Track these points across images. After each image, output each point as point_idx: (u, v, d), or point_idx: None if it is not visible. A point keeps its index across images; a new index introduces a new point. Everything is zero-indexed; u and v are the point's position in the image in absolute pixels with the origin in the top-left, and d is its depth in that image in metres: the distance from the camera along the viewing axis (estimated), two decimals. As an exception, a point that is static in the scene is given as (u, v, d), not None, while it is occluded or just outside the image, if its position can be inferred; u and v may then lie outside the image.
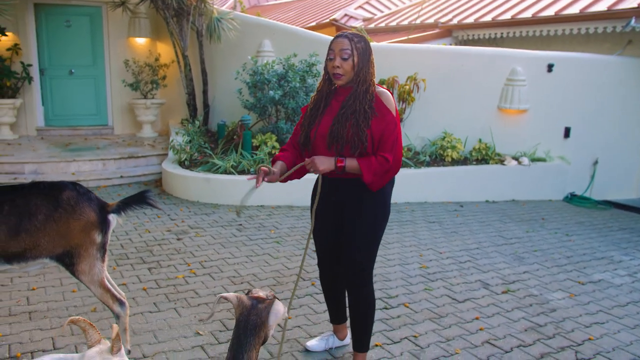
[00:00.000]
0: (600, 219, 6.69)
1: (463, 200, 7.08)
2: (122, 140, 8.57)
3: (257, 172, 2.58)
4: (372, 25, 12.43)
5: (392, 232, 5.49)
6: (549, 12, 8.87)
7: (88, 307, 3.54)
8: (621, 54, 8.22)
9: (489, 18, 9.93)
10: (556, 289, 4.25)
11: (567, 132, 7.73)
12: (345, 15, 12.70)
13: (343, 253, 2.76)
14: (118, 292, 2.84)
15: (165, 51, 9.17)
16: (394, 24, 11.99)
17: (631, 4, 7.68)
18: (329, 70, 2.61)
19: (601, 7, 8.08)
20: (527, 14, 9.22)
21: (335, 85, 2.68)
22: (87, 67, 9.01)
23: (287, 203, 6.34)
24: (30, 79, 8.35)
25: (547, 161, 7.54)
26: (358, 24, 12.35)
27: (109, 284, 2.82)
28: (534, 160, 7.46)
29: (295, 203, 6.34)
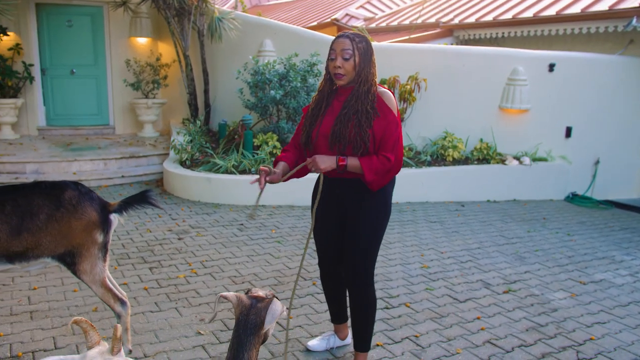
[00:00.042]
0: (602, 218, 6.69)
1: (464, 200, 7.07)
2: (123, 140, 8.58)
3: (259, 174, 2.59)
4: (373, 25, 12.43)
5: (394, 232, 5.49)
6: (551, 12, 8.86)
7: (89, 307, 3.55)
8: (622, 53, 8.21)
9: (490, 18, 9.93)
10: (557, 288, 4.25)
11: (568, 131, 7.73)
12: (347, 15, 12.70)
13: (344, 253, 2.76)
14: (119, 292, 2.84)
15: (167, 51, 9.18)
16: (395, 23, 11.99)
17: (632, 3, 7.68)
18: (330, 70, 2.61)
19: (602, 6, 8.08)
20: (529, 14, 9.22)
21: (337, 85, 2.68)
22: (88, 66, 9.02)
23: (288, 203, 6.34)
24: (31, 78, 8.35)
25: (549, 161, 7.54)
26: (359, 23, 12.35)
27: (111, 283, 2.82)
28: (535, 160, 7.45)
29: (296, 203, 6.34)
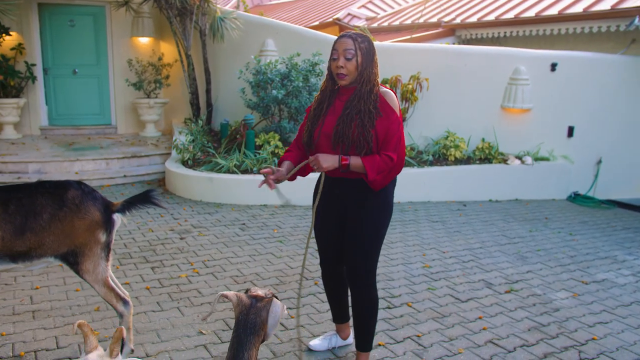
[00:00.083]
0: (604, 218, 6.68)
1: (466, 200, 7.07)
2: (125, 140, 8.59)
3: (265, 176, 2.61)
4: (375, 25, 12.42)
5: (395, 232, 5.49)
6: (553, 11, 8.85)
7: (91, 306, 3.56)
8: (625, 53, 8.20)
9: (492, 17, 9.92)
10: (560, 288, 4.24)
11: (570, 131, 7.72)
12: (349, 14, 12.70)
13: (346, 253, 2.76)
14: (122, 291, 2.84)
15: (169, 50, 9.19)
16: (397, 23, 11.99)
17: (635, 3, 7.66)
18: (332, 70, 2.61)
19: (605, 6, 8.07)
20: (531, 13, 9.21)
21: (338, 85, 2.68)
22: (90, 66, 9.03)
23: (289, 202, 6.34)
24: (34, 78, 8.37)
25: (551, 160, 7.53)
26: (361, 23, 12.35)
27: (113, 283, 2.82)
28: (537, 159, 7.44)
29: (298, 202, 6.34)
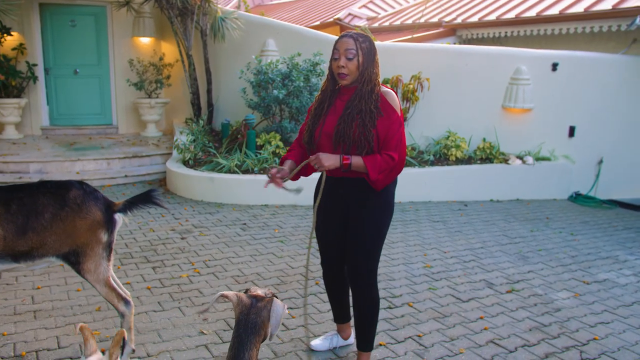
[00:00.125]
0: (605, 218, 6.67)
1: (467, 200, 7.07)
2: (126, 140, 8.59)
3: (271, 176, 2.61)
4: (376, 25, 12.42)
5: (396, 232, 5.48)
6: (554, 11, 8.84)
7: (93, 306, 3.56)
8: (626, 52, 8.19)
9: (493, 17, 9.91)
10: (561, 288, 4.24)
11: (571, 131, 7.71)
12: (349, 14, 12.70)
13: (347, 253, 2.76)
14: (123, 291, 2.84)
15: (170, 50, 9.19)
16: (398, 23, 11.99)
17: (636, 2, 7.66)
18: (333, 70, 2.61)
19: (606, 5, 8.06)
20: (532, 13, 9.21)
21: (339, 85, 2.68)
22: (91, 66, 9.04)
23: (291, 202, 6.34)
24: (35, 78, 8.38)
25: (552, 160, 7.52)
26: (362, 23, 12.35)
27: (114, 282, 2.83)
28: (538, 159, 7.44)
29: (299, 202, 6.34)
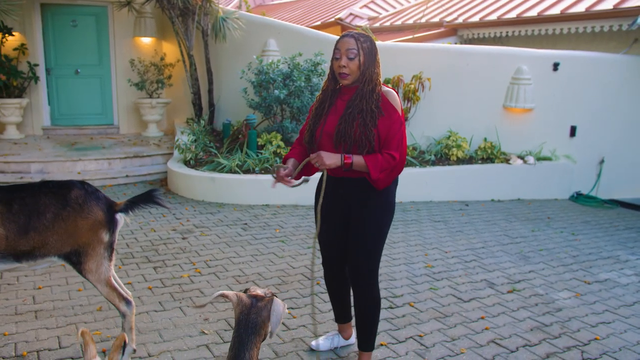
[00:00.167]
0: (607, 218, 6.67)
1: (468, 199, 7.06)
2: (127, 140, 8.60)
3: (278, 175, 2.61)
4: (377, 25, 12.42)
5: (398, 231, 5.48)
6: (555, 11, 8.84)
7: (94, 306, 3.56)
8: (627, 52, 8.18)
9: (494, 17, 9.91)
10: (562, 288, 4.23)
11: (573, 130, 7.71)
12: (351, 14, 12.70)
13: (348, 253, 2.76)
14: (124, 291, 2.85)
15: (171, 50, 9.20)
16: (399, 23, 11.99)
17: (637, 2, 7.65)
18: (334, 70, 2.61)
19: (607, 5, 8.06)
20: (533, 13, 9.20)
21: (340, 85, 2.68)
22: (93, 66, 9.05)
23: (292, 202, 6.34)
24: (36, 78, 8.39)
25: (553, 160, 7.51)
26: (363, 23, 12.36)
27: (116, 282, 2.83)
28: (539, 159, 7.43)
29: (300, 202, 6.34)
